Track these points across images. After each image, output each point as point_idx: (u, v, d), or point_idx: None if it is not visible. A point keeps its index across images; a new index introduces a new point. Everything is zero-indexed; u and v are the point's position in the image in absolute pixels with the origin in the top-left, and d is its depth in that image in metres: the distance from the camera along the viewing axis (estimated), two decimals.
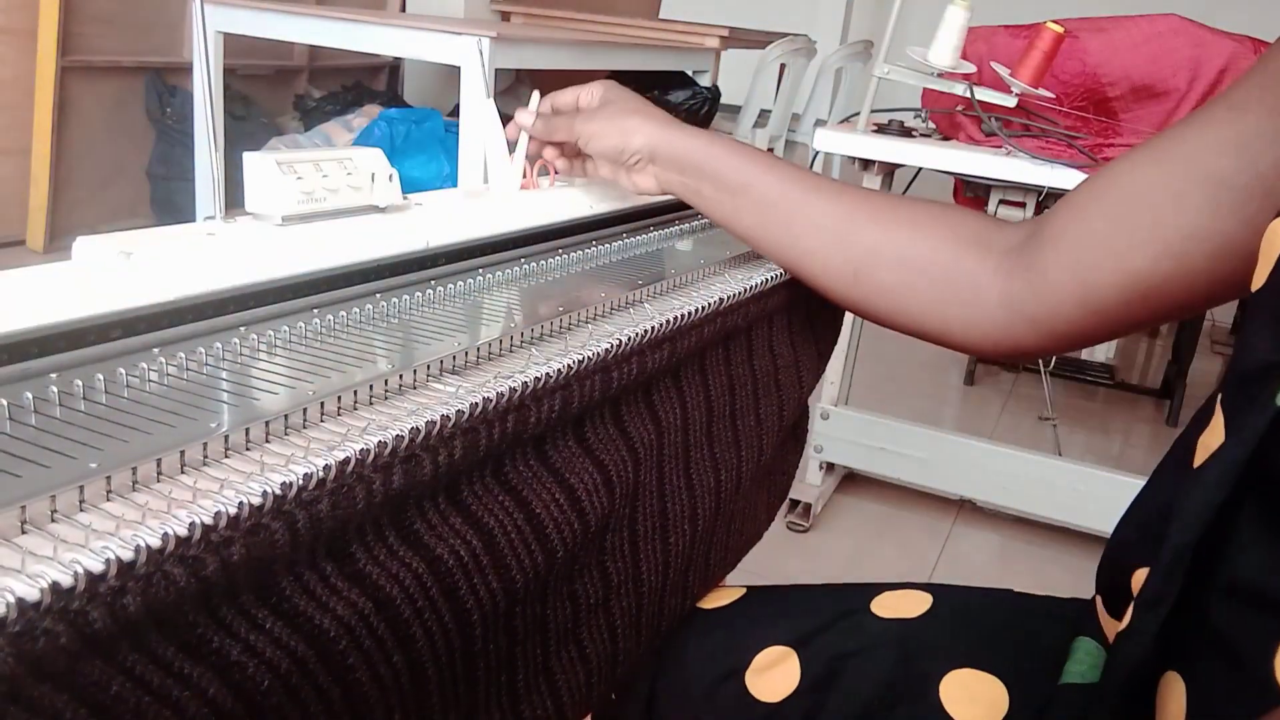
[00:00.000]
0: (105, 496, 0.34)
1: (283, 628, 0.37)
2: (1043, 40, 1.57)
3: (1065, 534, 1.90)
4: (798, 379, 0.77)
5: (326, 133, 3.20)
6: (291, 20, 2.62)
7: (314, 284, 0.53)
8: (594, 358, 0.51)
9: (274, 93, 3.60)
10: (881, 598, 0.62)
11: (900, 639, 0.58)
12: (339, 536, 0.39)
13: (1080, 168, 1.50)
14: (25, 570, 0.29)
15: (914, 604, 0.60)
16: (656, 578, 0.64)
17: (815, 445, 1.94)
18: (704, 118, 3.52)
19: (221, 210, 0.53)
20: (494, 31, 2.41)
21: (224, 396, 0.41)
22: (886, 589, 0.63)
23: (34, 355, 0.41)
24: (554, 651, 0.57)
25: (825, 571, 1.78)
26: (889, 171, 1.74)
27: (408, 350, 0.48)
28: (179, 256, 0.48)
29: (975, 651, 0.55)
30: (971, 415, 2.58)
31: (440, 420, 0.41)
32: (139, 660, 0.32)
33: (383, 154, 0.60)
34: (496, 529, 0.47)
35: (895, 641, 0.57)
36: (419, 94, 3.95)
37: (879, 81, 1.65)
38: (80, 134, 2.93)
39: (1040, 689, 0.52)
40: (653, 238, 0.76)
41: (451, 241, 0.62)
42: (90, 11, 2.87)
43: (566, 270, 0.65)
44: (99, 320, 0.43)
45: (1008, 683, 0.53)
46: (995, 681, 0.53)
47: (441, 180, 2.88)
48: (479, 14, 3.88)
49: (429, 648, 0.45)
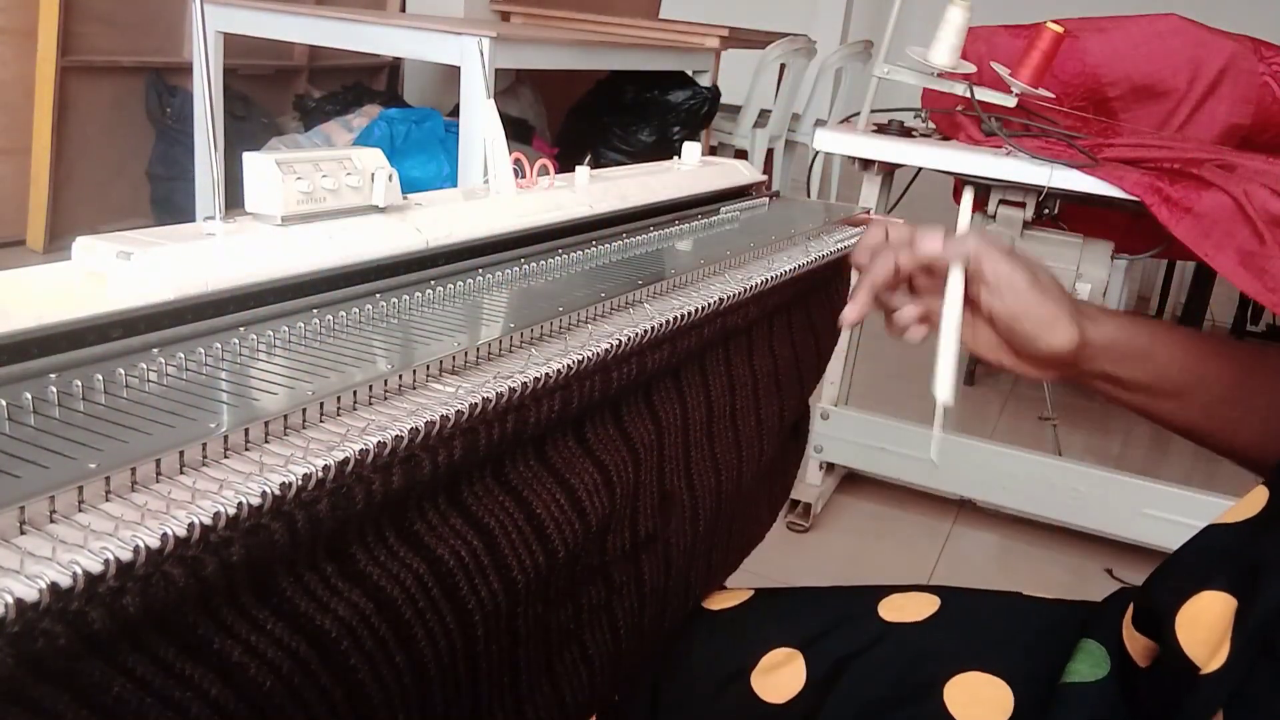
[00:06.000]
0: (104, 497, 0.34)
1: (284, 628, 0.37)
2: (1043, 40, 1.57)
3: (1065, 534, 1.90)
4: (798, 379, 0.77)
5: (326, 133, 3.20)
6: (291, 20, 2.61)
7: (313, 284, 0.53)
8: (594, 358, 0.51)
9: (274, 93, 3.60)
10: (889, 600, 0.62)
11: (906, 642, 0.58)
12: (339, 537, 0.39)
13: (1080, 168, 1.50)
14: (24, 571, 0.29)
15: (921, 606, 0.60)
16: (659, 578, 0.64)
17: (815, 445, 1.94)
18: (704, 118, 3.52)
19: (221, 210, 0.53)
20: (494, 31, 2.41)
21: (223, 397, 0.41)
22: (894, 591, 0.63)
23: (33, 355, 0.41)
24: (557, 652, 0.57)
25: (825, 571, 1.78)
26: (889, 171, 1.74)
27: (407, 350, 0.48)
28: (179, 256, 0.48)
29: (981, 654, 0.55)
30: (971, 415, 2.58)
31: (440, 420, 0.41)
32: (139, 661, 0.32)
33: (383, 154, 0.60)
34: (497, 529, 0.47)
35: (901, 644, 0.57)
36: (419, 94, 3.95)
37: (879, 81, 1.65)
38: (80, 134, 2.93)
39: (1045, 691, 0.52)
40: (653, 238, 0.76)
41: (451, 241, 0.62)
42: (90, 11, 2.87)
43: (566, 270, 0.65)
44: (98, 320, 0.43)
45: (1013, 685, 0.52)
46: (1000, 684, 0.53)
47: (441, 180, 2.88)
48: (479, 14, 3.88)
49: (431, 648, 0.45)
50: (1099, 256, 1.61)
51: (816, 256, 0.78)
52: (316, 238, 0.54)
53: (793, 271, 0.73)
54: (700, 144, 0.93)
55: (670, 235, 0.78)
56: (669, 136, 3.43)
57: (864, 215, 0.97)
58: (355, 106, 3.37)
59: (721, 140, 3.94)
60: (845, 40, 5.46)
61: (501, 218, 0.66)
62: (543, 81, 3.86)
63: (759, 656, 0.59)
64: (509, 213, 0.67)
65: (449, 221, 0.62)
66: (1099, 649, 0.52)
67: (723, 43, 3.49)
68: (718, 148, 3.89)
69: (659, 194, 0.81)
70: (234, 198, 0.55)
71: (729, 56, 3.65)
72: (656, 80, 3.49)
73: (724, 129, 3.93)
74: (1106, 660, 0.51)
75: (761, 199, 0.94)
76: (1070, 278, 1.60)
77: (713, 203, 0.88)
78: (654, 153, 3.39)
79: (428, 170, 2.90)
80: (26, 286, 0.43)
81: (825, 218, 0.91)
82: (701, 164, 0.91)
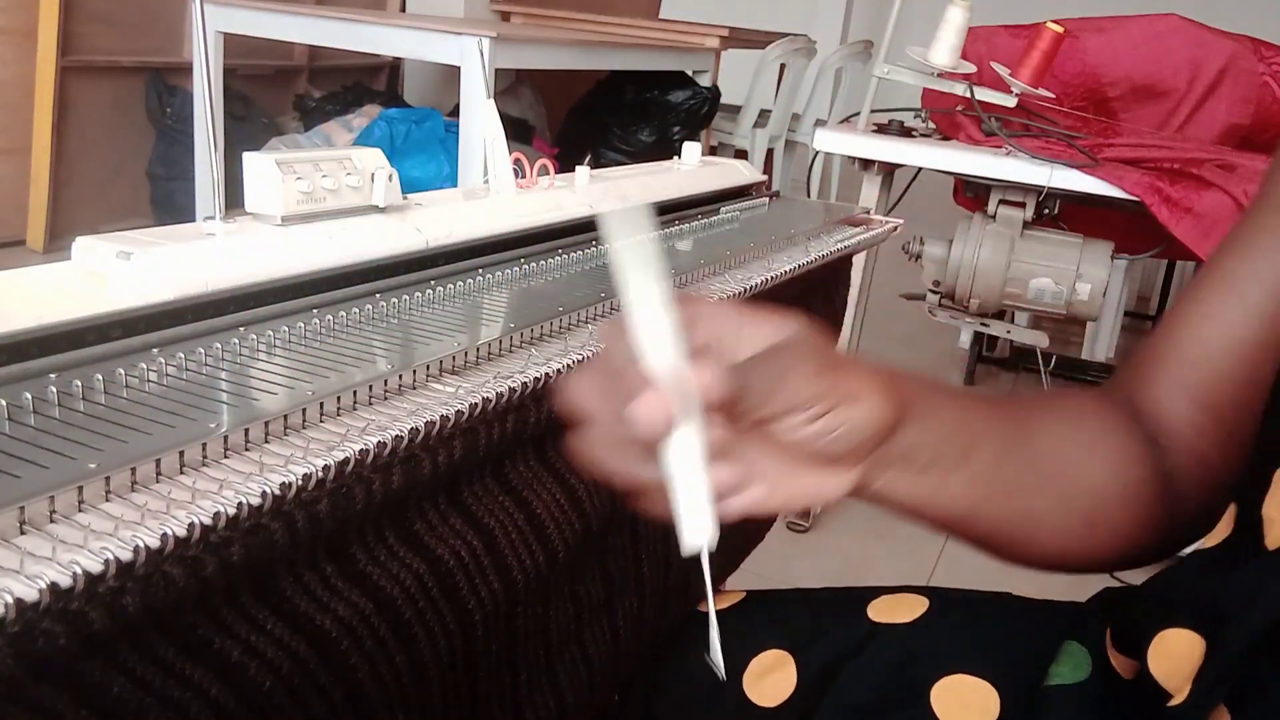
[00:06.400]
0: (104, 497, 0.34)
1: (284, 628, 0.37)
2: (1043, 40, 1.57)
3: None
4: None
5: (326, 133, 3.20)
6: (291, 20, 2.61)
7: (314, 284, 0.53)
8: (594, 357, 0.51)
9: (274, 93, 3.60)
10: (878, 601, 0.61)
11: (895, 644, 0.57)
12: (339, 537, 0.39)
13: (1080, 168, 1.50)
14: (24, 571, 0.29)
15: (910, 608, 0.60)
16: (658, 578, 0.64)
17: None
18: (704, 118, 3.52)
19: (221, 210, 0.53)
20: (494, 31, 2.41)
21: (223, 397, 0.41)
22: (883, 592, 0.63)
23: (33, 355, 0.41)
24: (556, 652, 0.57)
25: (825, 571, 1.78)
26: (889, 171, 1.74)
27: (407, 350, 0.48)
28: (179, 256, 0.48)
29: (968, 657, 0.55)
30: None
31: (440, 421, 0.41)
32: (140, 661, 0.32)
33: (383, 154, 0.60)
34: (497, 529, 0.47)
35: (890, 646, 0.57)
36: (419, 94, 3.95)
37: (879, 81, 1.65)
38: (80, 134, 2.93)
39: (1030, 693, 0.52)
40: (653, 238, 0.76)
41: (451, 241, 0.62)
42: (90, 11, 2.87)
43: (566, 270, 0.65)
44: (99, 320, 0.43)
45: (999, 687, 0.52)
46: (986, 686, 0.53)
47: (441, 180, 2.88)
48: (479, 14, 3.88)
49: (431, 648, 0.45)
50: (1099, 256, 1.61)
51: (816, 256, 0.78)
52: (316, 238, 0.54)
53: (793, 271, 0.73)
54: (700, 144, 0.93)
55: (670, 235, 0.78)
56: (669, 136, 3.43)
57: (863, 215, 0.97)
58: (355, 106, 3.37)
59: (721, 140, 3.94)
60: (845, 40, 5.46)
61: (501, 218, 0.66)
62: (543, 81, 3.86)
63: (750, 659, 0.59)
64: (509, 213, 0.67)
65: (449, 221, 0.62)
66: (1080, 650, 0.52)
67: (723, 43, 3.49)
68: (718, 148, 3.89)
69: (659, 194, 0.81)
70: (234, 198, 0.55)
71: (729, 56, 3.65)
72: (656, 80, 3.49)
73: (724, 129, 3.93)
74: (1088, 662, 0.51)
75: (761, 199, 0.94)
76: (1070, 278, 1.60)
77: (713, 203, 0.88)
78: (654, 153, 3.39)
79: (428, 170, 2.89)
80: (26, 286, 0.44)
81: (825, 218, 0.91)
82: (701, 164, 0.91)
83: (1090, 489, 0.49)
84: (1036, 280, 1.61)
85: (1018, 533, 0.48)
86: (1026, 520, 0.48)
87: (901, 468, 0.43)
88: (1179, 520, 0.51)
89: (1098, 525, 0.49)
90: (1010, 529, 0.48)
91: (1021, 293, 1.63)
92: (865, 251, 1.37)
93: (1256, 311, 0.48)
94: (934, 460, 0.44)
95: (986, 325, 1.77)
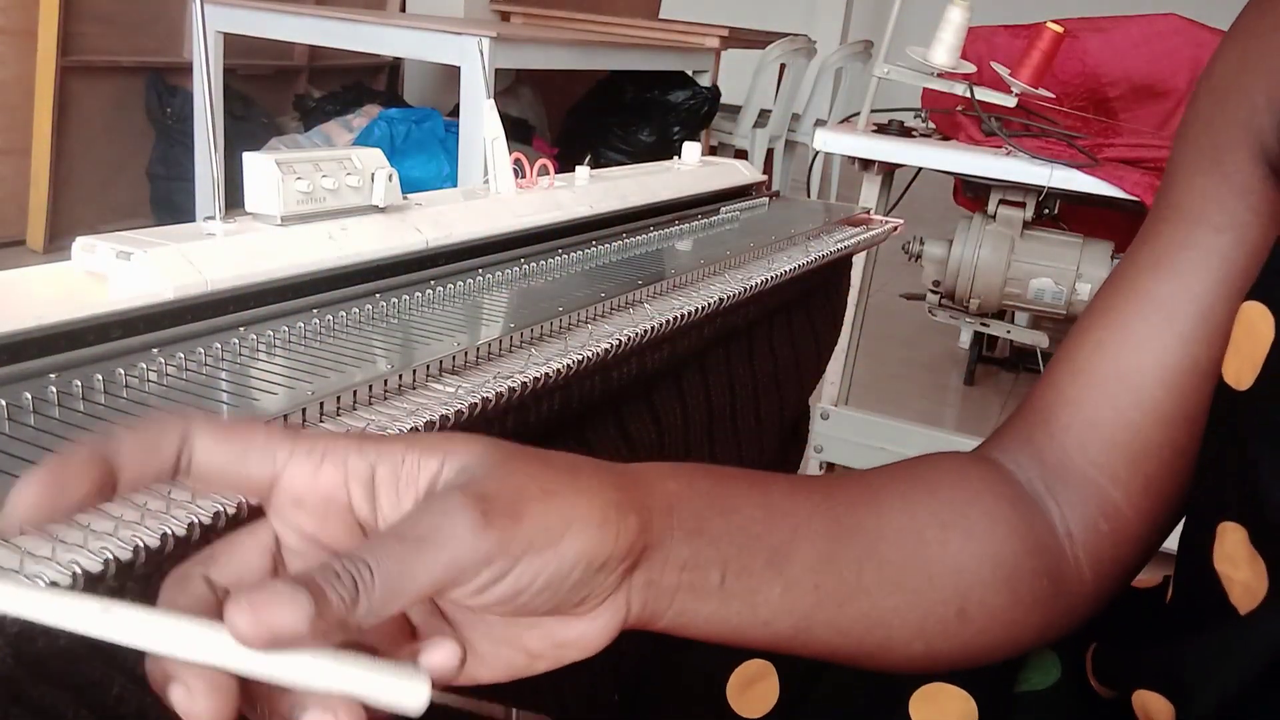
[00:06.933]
0: None
1: None
2: (1043, 40, 1.57)
3: None
4: (798, 379, 0.77)
5: (326, 133, 3.20)
6: (291, 20, 2.62)
7: (313, 284, 0.53)
8: (594, 358, 0.51)
9: (274, 93, 3.60)
10: None
11: None
12: None
13: (1080, 168, 1.50)
14: (24, 570, 0.29)
15: None
16: None
17: (815, 445, 1.94)
18: (704, 118, 3.52)
19: (221, 210, 0.53)
20: (494, 31, 2.41)
21: (223, 396, 0.41)
22: None
23: (33, 355, 0.41)
24: None
25: None
26: (889, 171, 1.74)
27: (407, 350, 0.48)
28: (178, 257, 0.48)
29: None
30: (971, 415, 2.58)
31: (440, 420, 0.41)
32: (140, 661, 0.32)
33: (383, 154, 0.60)
34: None
35: None
36: (419, 94, 3.95)
37: (879, 81, 1.65)
38: (80, 134, 2.93)
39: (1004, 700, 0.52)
40: (653, 238, 0.76)
41: (451, 241, 0.62)
42: (90, 11, 2.87)
43: (566, 270, 0.65)
44: (99, 320, 0.43)
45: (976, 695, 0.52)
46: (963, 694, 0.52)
47: (441, 180, 2.88)
48: (479, 14, 3.88)
49: None
50: (1099, 256, 1.61)
51: (816, 256, 0.78)
52: (316, 238, 0.54)
53: (793, 271, 0.73)
54: (700, 144, 0.93)
55: (670, 235, 0.78)
56: (669, 136, 3.43)
57: (863, 215, 0.97)
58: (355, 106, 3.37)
59: (721, 140, 3.94)
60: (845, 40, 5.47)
61: (501, 218, 0.66)
62: (543, 81, 3.86)
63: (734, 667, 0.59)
64: (509, 213, 0.67)
65: (449, 221, 0.62)
66: (1049, 654, 0.52)
67: (723, 43, 3.49)
68: (718, 148, 3.89)
69: (659, 194, 0.81)
70: (234, 198, 0.55)
71: (729, 56, 3.66)
72: (656, 80, 3.49)
73: (724, 129, 3.94)
74: (1057, 666, 0.51)
75: (761, 199, 0.94)
76: (1070, 278, 1.60)
77: (712, 203, 0.88)
78: (654, 153, 3.40)
79: (428, 170, 2.90)
80: (26, 286, 0.44)
81: (825, 218, 0.91)
82: (701, 164, 0.91)
83: (956, 573, 0.42)
84: (1036, 280, 1.61)
85: (868, 639, 0.41)
86: (875, 625, 0.40)
87: (691, 591, 0.35)
88: (1074, 592, 0.45)
89: (971, 616, 0.42)
90: (859, 636, 0.40)
91: (1021, 293, 1.63)
92: (865, 251, 1.38)
93: (1191, 336, 0.43)
94: (735, 573, 0.36)
95: (986, 325, 1.77)
